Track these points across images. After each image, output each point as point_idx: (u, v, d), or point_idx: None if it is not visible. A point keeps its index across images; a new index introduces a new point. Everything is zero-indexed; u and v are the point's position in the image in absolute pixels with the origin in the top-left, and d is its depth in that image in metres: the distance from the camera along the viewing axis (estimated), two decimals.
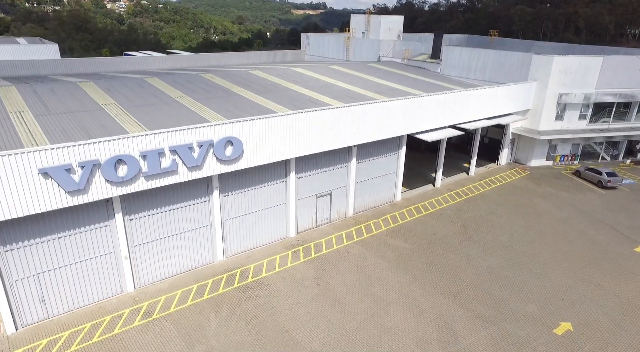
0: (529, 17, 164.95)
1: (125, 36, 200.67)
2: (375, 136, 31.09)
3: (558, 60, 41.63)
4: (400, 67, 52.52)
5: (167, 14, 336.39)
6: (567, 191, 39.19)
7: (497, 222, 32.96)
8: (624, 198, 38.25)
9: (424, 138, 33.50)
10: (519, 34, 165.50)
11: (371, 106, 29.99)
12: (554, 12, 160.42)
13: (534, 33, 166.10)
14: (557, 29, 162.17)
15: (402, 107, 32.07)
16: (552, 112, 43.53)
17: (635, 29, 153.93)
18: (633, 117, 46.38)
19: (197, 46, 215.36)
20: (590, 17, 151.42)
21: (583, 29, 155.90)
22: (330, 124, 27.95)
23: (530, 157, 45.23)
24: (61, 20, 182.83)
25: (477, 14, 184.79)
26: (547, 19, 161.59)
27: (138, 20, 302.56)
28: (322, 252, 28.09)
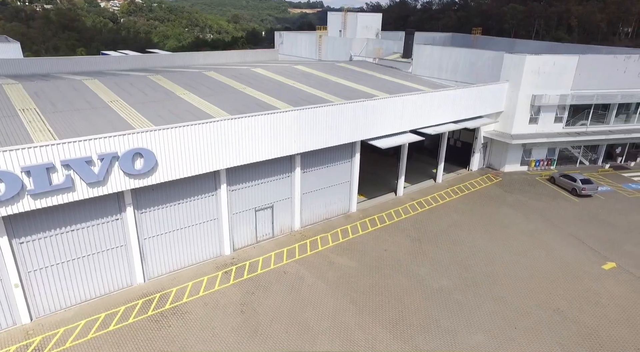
0: (521, 15, 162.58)
1: (113, 35, 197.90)
2: (322, 143, 28.47)
3: (530, 60, 38.98)
4: (370, 66, 49.88)
5: (162, 13, 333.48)
6: (538, 200, 36.57)
7: (458, 236, 30.34)
8: (599, 207, 35.65)
9: (378, 145, 30.85)
10: (511, 32, 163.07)
11: (315, 111, 27.37)
12: (546, 10, 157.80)
13: (526, 31, 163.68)
14: (549, 27, 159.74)
15: (353, 111, 29.46)
16: (525, 115, 40.89)
17: (628, 28, 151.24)
18: (612, 120, 43.76)
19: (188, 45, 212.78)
20: (583, 15, 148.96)
21: (575, 28, 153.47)
22: (267, 131, 25.35)
23: (503, 163, 42.60)
24: (47, 18, 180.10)
25: (470, 12, 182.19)
26: (539, 17, 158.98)
27: (132, 19, 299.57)
28: (256, 272, 25.46)
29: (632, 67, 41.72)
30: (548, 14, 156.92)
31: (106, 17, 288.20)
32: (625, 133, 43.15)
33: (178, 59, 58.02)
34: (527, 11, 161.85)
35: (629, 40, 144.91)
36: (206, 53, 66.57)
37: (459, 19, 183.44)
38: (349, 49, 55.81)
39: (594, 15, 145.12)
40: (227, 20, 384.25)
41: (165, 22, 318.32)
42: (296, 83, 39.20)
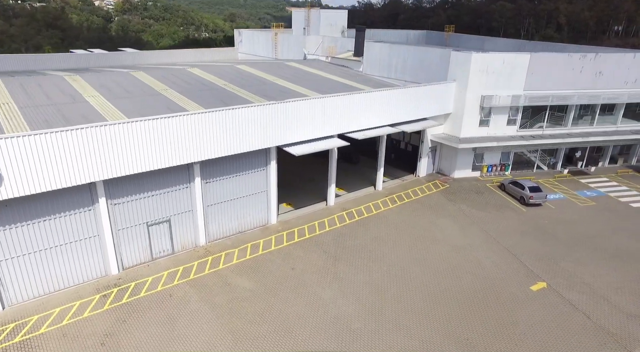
0: (509, 13, 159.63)
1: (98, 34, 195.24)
2: (225, 150, 25.73)
3: (477, 58, 36.19)
4: (319, 66, 47.10)
5: (157, 12, 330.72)
6: (482, 209, 33.80)
7: (380, 252, 27.59)
8: (545, 218, 32.87)
9: (292, 152, 28.09)
10: (500, 31, 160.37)
11: (213, 115, 24.64)
12: (535, 9, 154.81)
13: (515, 30, 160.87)
14: (538, 26, 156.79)
15: (263, 115, 26.71)
16: (475, 117, 38.11)
17: (619, 26, 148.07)
18: (569, 122, 40.94)
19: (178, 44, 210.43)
20: (572, 13, 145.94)
21: (564, 26, 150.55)
22: (153, 138, 22.64)
23: (453, 168, 39.81)
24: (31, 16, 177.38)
25: (459, 11, 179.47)
26: (527, 15, 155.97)
27: (126, 17, 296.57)
28: (138, 295, 22.74)
29: (588, 66, 38.94)
30: (537, 12, 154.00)
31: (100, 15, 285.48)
32: (584, 136, 40.33)
33: (139, 57, 55.57)
34: (515, 9, 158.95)
35: (618, 38, 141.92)
36: (168, 51, 64.14)
37: (448, 17, 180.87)
38: (302, 47, 53.01)
39: (582, 13, 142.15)
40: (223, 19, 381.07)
41: (160, 20, 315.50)
42: (228, 84, 36.49)
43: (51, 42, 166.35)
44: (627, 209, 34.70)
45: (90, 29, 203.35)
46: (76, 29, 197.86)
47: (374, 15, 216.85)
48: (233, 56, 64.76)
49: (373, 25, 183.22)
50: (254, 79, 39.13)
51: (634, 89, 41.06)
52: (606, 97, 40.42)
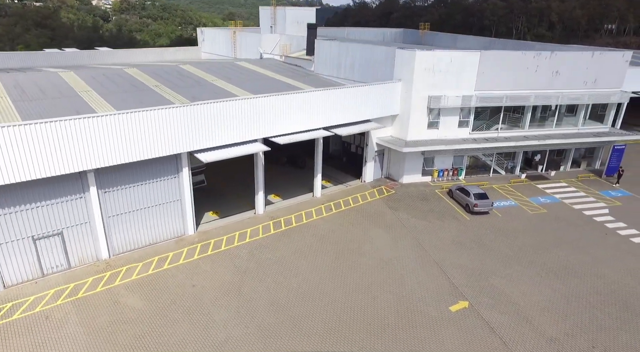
0: (501, 11, 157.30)
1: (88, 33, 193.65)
2: (127, 157, 23.69)
3: (421, 56, 34.00)
4: (270, 65, 45.05)
5: (155, 11, 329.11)
6: (423, 218, 31.65)
7: (297, 266, 25.49)
8: (489, 227, 30.69)
9: (202, 158, 25.99)
10: (492, 29, 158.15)
11: (109, 119, 22.56)
12: (527, 7, 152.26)
13: (507, 28, 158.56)
14: (530, 24, 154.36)
15: (171, 119, 24.65)
16: (422, 119, 35.93)
17: (611, 25, 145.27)
18: (527, 124, 38.69)
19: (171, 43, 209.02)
20: (564, 12, 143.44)
21: (557, 24, 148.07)
22: (38, 144, 20.64)
23: (401, 173, 37.63)
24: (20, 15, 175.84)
25: (451, 9, 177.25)
26: (519, 13, 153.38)
27: (124, 17, 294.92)
28: (10, 317, 20.71)
29: (544, 65, 36.69)
30: (528, 11, 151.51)
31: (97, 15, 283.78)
32: (542, 139, 38.08)
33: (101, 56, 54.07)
34: (507, 7, 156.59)
35: (610, 37, 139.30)
36: (128, 51, 62.28)
37: (440, 16, 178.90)
38: (258, 46, 50.94)
39: (574, 11, 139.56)
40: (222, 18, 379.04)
41: (158, 20, 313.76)
42: (159, 85, 34.61)
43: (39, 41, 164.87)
44: (578, 218, 32.47)
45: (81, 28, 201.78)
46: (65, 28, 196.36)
47: (367, 14, 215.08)
48: (196, 56, 62.74)
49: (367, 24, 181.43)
50: (192, 79, 37.14)
51: (594, 89, 38.78)
52: (565, 98, 38.17)
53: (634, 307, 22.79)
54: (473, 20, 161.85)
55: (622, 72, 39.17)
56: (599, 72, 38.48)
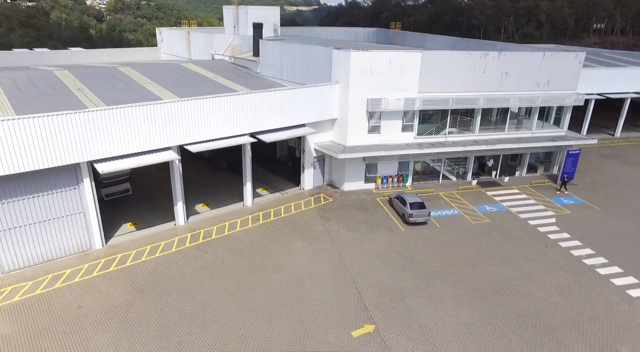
0: (490, 10, 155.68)
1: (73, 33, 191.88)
2: (17, 167, 21.89)
3: (357, 57, 32.11)
4: (216, 67, 43.26)
5: (150, 11, 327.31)
6: (354, 229, 29.77)
7: (199, 285, 23.64)
8: (423, 239, 28.81)
9: (99, 169, 24.11)
10: (480, 29, 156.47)
11: None
12: (515, 6, 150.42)
13: (495, 28, 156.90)
14: (519, 24, 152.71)
15: (69, 126, 22.82)
16: (362, 123, 34.06)
17: (601, 24, 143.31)
18: (477, 128, 36.78)
19: None
20: (552, 11, 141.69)
21: (545, 24, 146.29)
22: None
23: (342, 180, 35.74)
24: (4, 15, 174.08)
25: (440, 8, 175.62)
26: (507, 13, 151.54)
27: (119, 16, 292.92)
28: None
29: (492, 66, 34.80)
30: (517, 10, 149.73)
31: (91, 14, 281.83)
32: (492, 143, 36.19)
33: (51, 56, 52.46)
34: (495, 6, 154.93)
35: (598, 36, 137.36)
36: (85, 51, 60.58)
37: (429, 15, 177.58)
38: (209, 47, 49.08)
39: (562, 10, 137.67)
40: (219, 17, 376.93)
41: (153, 20, 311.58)
42: (83, 88, 33.01)
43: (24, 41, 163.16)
44: (522, 228, 30.57)
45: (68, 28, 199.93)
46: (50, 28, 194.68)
47: (358, 13, 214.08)
48: (155, 56, 60.87)
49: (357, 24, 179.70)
50: (123, 82, 35.38)
51: (547, 91, 36.87)
52: (516, 100, 36.28)
53: (554, 330, 20.91)
54: (462, 20, 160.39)
55: (575, 73, 37.28)
56: (552, 74, 36.58)
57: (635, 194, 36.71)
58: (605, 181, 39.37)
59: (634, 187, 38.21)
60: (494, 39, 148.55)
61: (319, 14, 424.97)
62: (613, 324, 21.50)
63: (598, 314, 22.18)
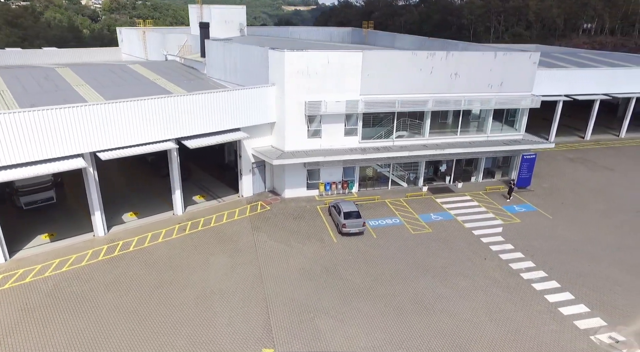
0: (479, 10, 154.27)
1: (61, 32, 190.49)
2: None
3: (291, 57, 30.39)
4: (162, 69, 41.61)
5: (146, 11, 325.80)
6: (284, 241, 28.06)
7: (98, 303, 21.95)
8: (355, 252, 27.08)
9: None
10: (470, 28, 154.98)
11: None
12: (504, 5, 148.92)
13: (485, 27, 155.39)
14: (508, 23, 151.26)
15: None
16: (301, 127, 32.33)
17: (590, 24, 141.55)
18: (427, 132, 35.05)
19: None
20: (542, 10, 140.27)
21: (535, 23, 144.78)
22: None
23: (283, 186, 34.03)
24: None
25: (430, 8, 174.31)
26: (496, 12, 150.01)
27: (114, 16, 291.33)
28: None
29: (439, 66, 33.08)
30: (506, 9, 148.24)
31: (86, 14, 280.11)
32: (442, 148, 34.46)
33: None
34: (484, 6, 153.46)
35: (586, 36, 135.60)
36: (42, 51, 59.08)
37: (420, 15, 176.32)
38: (162, 47, 47.40)
39: (550, 10, 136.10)
40: None
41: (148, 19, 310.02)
42: (5, 90, 31.12)
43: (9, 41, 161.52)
44: (463, 239, 28.85)
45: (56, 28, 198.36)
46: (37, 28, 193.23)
47: (350, 13, 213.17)
48: (116, 57, 59.20)
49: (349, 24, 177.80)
50: (54, 83, 33.84)
51: (501, 93, 35.14)
52: (468, 103, 34.55)
53: None
54: (452, 20, 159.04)
55: (530, 75, 35.54)
56: (505, 75, 34.85)
57: (592, 201, 34.99)
58: (565, 187, 37.64)
59: (593, 193, 36.48)
60: (484, 39, 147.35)
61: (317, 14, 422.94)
62: (535, 347, 19.78)
63: (521, 336, 20.45)
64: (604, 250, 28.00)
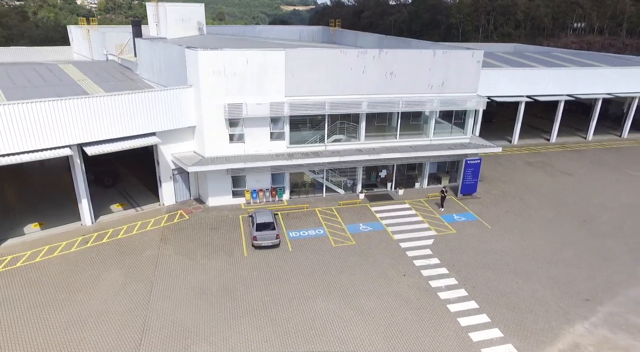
0: (467, 9, 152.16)
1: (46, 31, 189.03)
2: None
3: (206, 57, 28.29)
4: (94, 69, 39.67)
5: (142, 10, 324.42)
6: (191, 254, 25.97)
7: None
8: (263, 267, 24.94)
9: None
10: (459, 27, 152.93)
11: None
12: (492, 4, 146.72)
13: (473, 26, 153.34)
14: (497, 23, 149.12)
15: None
16: (222, 131, 30.21)
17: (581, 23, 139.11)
18: (362, 136, 32.89)
19: None
20: (530, 9, 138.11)
21: (524, 23, 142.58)
22: None
23: (207, 194, 31.92)
24: None
25: (418, 7, 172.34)
26: (485, 11, 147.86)
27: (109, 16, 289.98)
28: None
29: (372, 65, 30.94)
30: (494, 8, 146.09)
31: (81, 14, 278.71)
32: (378, 153, 32.27)
33: None
34: (473, 5, 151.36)
35: (575, 36, 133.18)
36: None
37: (409, 14, 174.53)
38: (102, 46, 45.37)
39: (537, 9, 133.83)
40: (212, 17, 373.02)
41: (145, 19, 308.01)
42: None
43: None
44: (387, 253, 26.65)
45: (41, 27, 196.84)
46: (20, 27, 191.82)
47: (341, 12, 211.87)
48: (67, 56, 57.19)
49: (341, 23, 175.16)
50: None
51: (443, 93, 32.95)
52: (407, 104, 32.36)
53: None
54: (441, 18, 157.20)
55: (475, 74, 33.35)
56: (447, 74, 32.67)
57: (540, 209, 32.75)
58: (515, 193, 35.40)
59: (542, 200, 34.23)
60: (472, 38, 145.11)
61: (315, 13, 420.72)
62: None
63: None
64: (537, 264, 25.78)
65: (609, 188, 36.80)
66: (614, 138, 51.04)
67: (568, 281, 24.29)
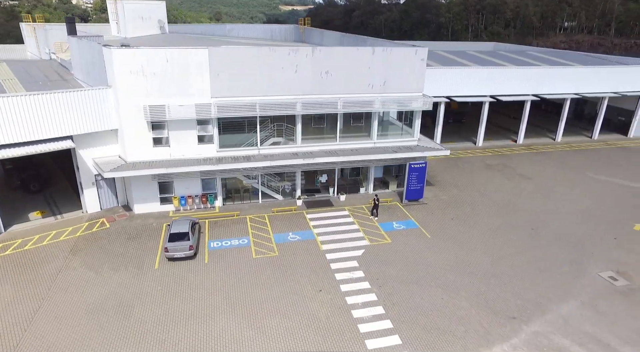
0: (456, 8, 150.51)
1: None
2: None
3: (121, 55, 26.46)
4: (28, 69, 37.87)
5: None
6: (96, 268, 24.18)
7: None
8: (173, 281, 23.12)
9: None
10: (448, 26, 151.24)
11: None
12: (481, 3, 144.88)
13: (463, 25, 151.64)
14: (487, 22, 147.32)
15: None
16: (145, 135, 28.39)
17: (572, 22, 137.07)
18: (299, 138, 31.06)
19: None
20: (519, 8, 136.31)
21: (512, 21, 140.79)
22: None
23: (132, 200, 30.11)
24: None
25: (408, 5, 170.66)
26: (474, 10, 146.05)
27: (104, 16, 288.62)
28: None
29: (305, 64, 29.15)
30: (483, 7, 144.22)
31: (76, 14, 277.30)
32: (315, 156, 30.42)
33: None
34: (462, 4, 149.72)
35: (564, 35, 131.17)
36: None
37: (399, 13, 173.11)
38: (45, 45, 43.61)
39: (526, 8, 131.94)
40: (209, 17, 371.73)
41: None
42: None
43: None
44: (309, 264, 24.80)
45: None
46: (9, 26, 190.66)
47: (333, 11, 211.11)
48: (20, 55, 55.34)
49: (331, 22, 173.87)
50: None
51: (385, 93, 31.09)
52: (345, 105, 30.49)
53: None
54: (431, 17, 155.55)
55: (419, 73, 31.48)
56: (389, 73, 30.82)
57: (489, 216, 30.86)
58: (466, 199, 33.52)
59: (494, 206, 32.34)
60: (462, 37, 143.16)
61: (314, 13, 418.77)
62: None
63: None
64: (470, 278, 23.90)
65: (567, 193, 34.90)
66: (584, 139, 49.10)
67: (498, 296, 22.41)
